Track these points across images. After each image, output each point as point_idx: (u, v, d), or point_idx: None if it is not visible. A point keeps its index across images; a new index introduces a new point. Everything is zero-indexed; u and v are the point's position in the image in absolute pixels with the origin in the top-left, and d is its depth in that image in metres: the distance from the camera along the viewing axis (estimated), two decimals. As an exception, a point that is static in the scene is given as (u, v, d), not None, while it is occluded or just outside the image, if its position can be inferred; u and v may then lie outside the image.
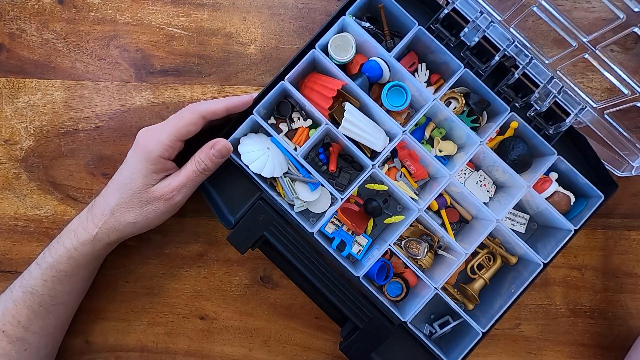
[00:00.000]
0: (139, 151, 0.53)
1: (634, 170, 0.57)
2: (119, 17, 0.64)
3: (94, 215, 0.54)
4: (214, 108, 0.54)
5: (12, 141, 0.64)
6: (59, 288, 0.54)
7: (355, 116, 0.56)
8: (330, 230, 0.60)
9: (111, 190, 0.54)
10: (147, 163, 0.53)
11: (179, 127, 0.53)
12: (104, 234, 0.54)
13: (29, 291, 0.54)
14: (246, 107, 0.56)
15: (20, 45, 0.64)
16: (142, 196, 0.53)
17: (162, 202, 0.54)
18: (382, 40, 0.61)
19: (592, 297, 0.64)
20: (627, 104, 0.54)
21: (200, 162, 0.54)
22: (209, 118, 0.54)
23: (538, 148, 0.60)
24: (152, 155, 0.53)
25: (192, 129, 0.53)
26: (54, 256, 0.54)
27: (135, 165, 0.53)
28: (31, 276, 0.54)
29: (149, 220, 0.54)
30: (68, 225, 0.56)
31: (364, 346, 0.55)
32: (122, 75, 0.64)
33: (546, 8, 0.53)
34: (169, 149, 0.53)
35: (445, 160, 0.62)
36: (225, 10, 0.65)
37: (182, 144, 0.55)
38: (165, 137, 0.53)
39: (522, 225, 0.63)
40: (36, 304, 0.54)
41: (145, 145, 0.53)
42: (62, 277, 0.54)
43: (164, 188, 0.53)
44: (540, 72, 0.57)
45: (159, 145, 0.52)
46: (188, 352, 0.63)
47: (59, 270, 0.54)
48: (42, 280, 0.54)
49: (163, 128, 0.54)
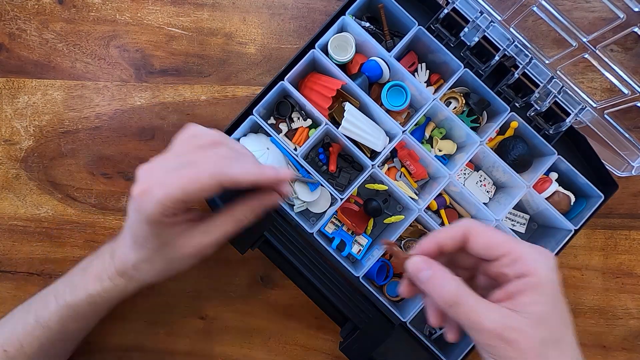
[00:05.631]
0: (137, 210, 0.43)
1: (634, 170, 0.57)
2: (118, 17, 0.64)
3: (117, 268, 0.48)
4: (241, 180, 0.42)
5: (12, 141, 0.64)
6: (72, 326, 0.51)
7: (355, 116, 0.56)
8: (330, 230, 0.60)
9: (128, 245, 0.47)
10: (150, 226, 0.43)
11: (188, 190, 0.40)
12: (132, 285, 0.48)
13: (41, 324, 0.50)
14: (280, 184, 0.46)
15: (20, 45, 0.64)
16: (167, 253, 0.45)
17: (192, 259, 0.46)
18: (382, 40, 0.61)
19: (592, 297, 0.64)
20: (627, 104, 0.54)
21: (243, 219, 0.45)
22: (228, 187, 0.42)
23: (538, 148, 0.60)
24: (152, 219, 0.42)
25: (204, 195, 0.41)
26: (74, 297, 0.49)
27: (141, 226, 0.44)
28: (47, 309, 0.50)
29: (178, 271, 0.48)
30: (88, 265, 0.51)
31: (364, 346, 0.55)
32: (122, 75, 0.64)
33: (546, 8, 0.53)
34: (171, 211, 0.41)
35: (445, 160, 0.62)
36: (225, 10, 0.65)
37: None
38: (165, 199, 0.40)
39: (522, 225, 0.63)
40: (45, 337, 0.50)
41: (141, 206, 0.42)
42: (79, 318, 0.50)
43: (194, 246, 0.45)
44: (540, 72, 0.57)
45: (159, 207, 0.41)
46: (188, 352, 0.63)
47: (77, 312, 0.49)
48: (58, 316, 0.49)
49: (167, 180, 0.41)
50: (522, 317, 0.35)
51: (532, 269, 0.36)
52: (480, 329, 0.35)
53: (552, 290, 0.36)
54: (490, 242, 0.38)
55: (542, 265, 0.36)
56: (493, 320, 0.35)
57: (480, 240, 0.38)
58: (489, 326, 0.35)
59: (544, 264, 0.37)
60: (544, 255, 0.37)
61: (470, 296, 0.37)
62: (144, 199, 0.41)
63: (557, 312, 0.36)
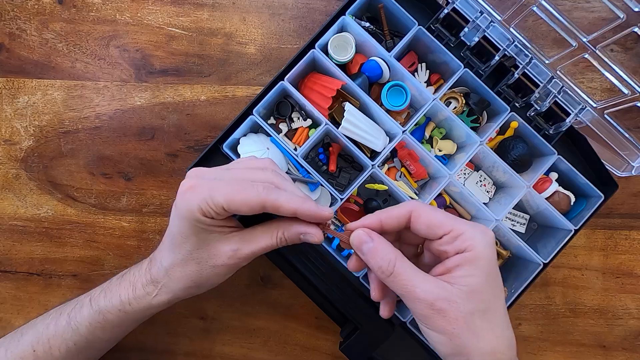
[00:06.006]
0: (179, 206, 0.44)
1: (634, 170, 0.57)
2: (118, 17, 0.64)
3: (152, 274, 0.48)
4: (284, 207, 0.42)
5: (12, 141, 0.64)
6: (100, 335, 0.50)
7: (355, 116, 0.56)
8: (330, 230, 0.60)
9: (165, 247, 0.47)
10: (189, 224, 0.44)
11: (233, 200, 0.41)
12: (162, 295, 0.48)
13: (72, 326, 0.50)
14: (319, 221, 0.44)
15: (20, 45, 0.64)
16: (201, 257, 0.45)
17: (225, 268, 0.46)
18: (382, 40, 0.61)
19: (592, 297, 0.64)
20: (627, 104, 0.54)
21: (283, 240, 0.45)
22: (269, 211, 0.42)
23: (538, 148, 0.60)
24: (192, 216, 0.43)
25: (245, 210, 0.42)
26: (107, 303, 0.49)
27: (180, 223, 0.44)
28: (81, 312, 0.50)
29: (208, 284, 0.48)
30: (129, 274, 0.51)
31: (364, 346, 0.55)
32: (122, 75, 0.64)
33: (546, 8, 0.53)
34: (212, 214, 0.42)
35: (445, 160, 0.62)
36: (225, 10, 0.65)
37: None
38: (210, 199, 0.41)
39: (522, 225, 0.63)
40: (72, 341, 0.50)
41: (185, 201, 0.43)
42: (107, 327, 0.50)
43: (231, 254, 0.45)
44: (540, 72, 0.57)
45: (202, 205, 0.42)
46: (188, 352, 0.63)
47: (106, 319, 0.49)
48: (88, 321, 0.49)
49: (215, 185, 0.42)
50: (455, 288, 0.37)
51: (470, 245, 0.38)
52: (415, 298, 0.38)
53: (487, 264, 0.38)
54: (433, 221, 0.40)
55: (479, 242, 0.38)
56: (426, 290, 0.37)
57: (423, 220, 0.40)
58: (422, 296, 0.37)
59: (480, 240, 0.38)
60: (481, 231, 0.39)
61: (408, 267, 0.39)
62: (188, 195, 0.43)
63: (489, 284, 0.38)
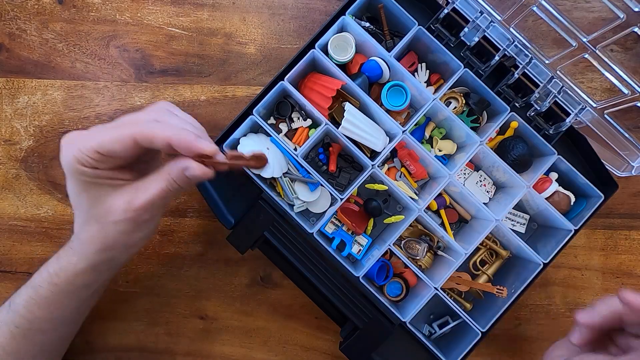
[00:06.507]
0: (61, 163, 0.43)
1: (634, 170, 0.57)
2: (118, 17, 0.64)
3: (70, 241, 0.48)
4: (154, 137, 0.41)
5: (12, 141, 0.64)
6: (37, 313, 0.48)
7: (355, 116, 0.56)
8: (330, 230, 0.60)
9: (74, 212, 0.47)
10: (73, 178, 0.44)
11: (103, 141, 0.41)
12: (81, 263, 0.46)
13: (12, 309, 0.49)
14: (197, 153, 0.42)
15: (20, 45, 0.64)
16: (99, 214, 0.44)
17: (125, 223, 0.44)
18: (382, 40, 0.61)
19: (592, 297, 0.64)
20: (627, 104, 0.54)
21: (173, 182, 0.43)
22: (145, 145, 0.41)
23: (538, 148, 0.60)
24: (70, 168, 0.43)
25: (119, 149, 0.41)
26: (38, 277, 0.49)
27: (69, 181, 0.44)
28: (19, 293, 0.49)
29: (120, 246, 0.46)
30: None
31: (364, 346, 0.55)
32: (122, 75, 0.64)
33: (546, 8, 0.52)
34: (87, 160, 0.42)
35: (445, 160, 0.62)
36: (225, 10, 0.65)
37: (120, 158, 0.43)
38: (82, 146, 0.41)
39: (522, 225, 0.63)
40: (13, 324, 0.49)
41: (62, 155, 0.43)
42: (42, 303, 0.48)
43: (125, 207, 0.43)
44: (540, 72, 0.57)
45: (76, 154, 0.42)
46: (188, 352, 0.63)
47: (39, 294, 0.48)
48: (25, 299, 0.48)
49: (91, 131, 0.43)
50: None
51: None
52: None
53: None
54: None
55: None
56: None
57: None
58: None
59: None
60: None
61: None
62: (64, 148, 0.43)
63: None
